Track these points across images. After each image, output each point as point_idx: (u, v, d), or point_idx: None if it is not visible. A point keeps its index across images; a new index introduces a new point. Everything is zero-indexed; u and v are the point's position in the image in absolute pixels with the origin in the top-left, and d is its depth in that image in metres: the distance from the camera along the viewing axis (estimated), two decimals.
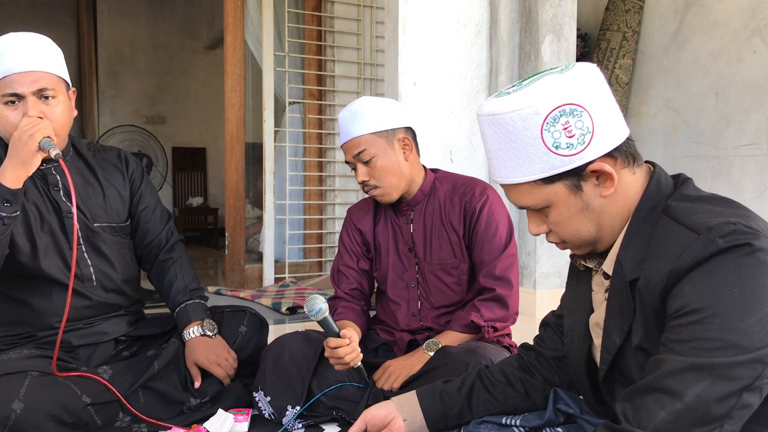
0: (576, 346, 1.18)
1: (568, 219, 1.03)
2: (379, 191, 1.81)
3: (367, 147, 1.76)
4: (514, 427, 1.23)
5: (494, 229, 1.80)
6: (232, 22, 3.68)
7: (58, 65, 1.63)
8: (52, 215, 1.69)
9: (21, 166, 1.50)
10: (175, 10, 7.79)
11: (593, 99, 0.97)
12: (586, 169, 0.98)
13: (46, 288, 1.67)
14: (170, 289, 1.85)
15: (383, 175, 1.79)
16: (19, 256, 1.62)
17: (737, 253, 0.87)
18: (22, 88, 1.56)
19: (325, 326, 1.58)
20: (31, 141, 1.49)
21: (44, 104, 1.58)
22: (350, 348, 1.60)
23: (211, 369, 1.75)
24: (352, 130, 1.77)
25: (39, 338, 1.68)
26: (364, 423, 1.29)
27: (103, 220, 1.77)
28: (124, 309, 1.84)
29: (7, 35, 1.60)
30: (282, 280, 3.73)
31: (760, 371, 0.85)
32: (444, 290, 1.86)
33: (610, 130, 0.99)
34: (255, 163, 4.37)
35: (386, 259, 1.92)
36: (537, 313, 2.92)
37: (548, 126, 0.96)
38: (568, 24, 2.98)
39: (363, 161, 1.77)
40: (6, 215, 1.48)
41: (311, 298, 1.54)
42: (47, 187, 1.70)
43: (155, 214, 1.89)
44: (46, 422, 1.47)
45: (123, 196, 1.83)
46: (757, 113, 3.24)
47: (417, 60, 2.83)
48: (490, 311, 1.78)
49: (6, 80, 1.56)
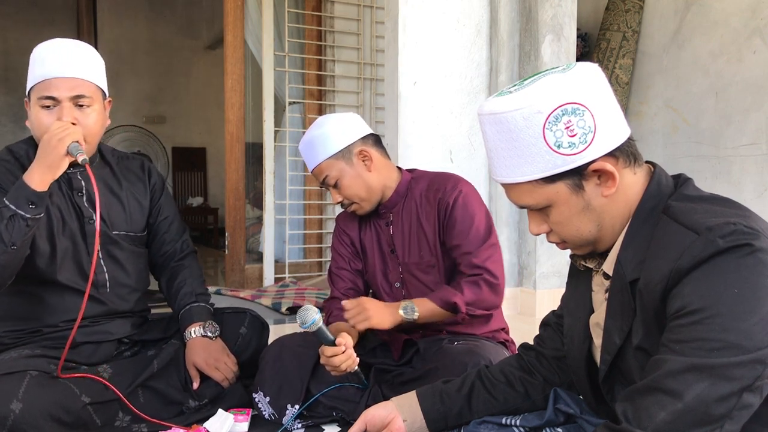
0: (576, 346, 1.18)
1: (569, 219, 1.02)
2: (355, 206, 1.86)
3: (329, 172, 1.81)
4: (514, 427, 1.23)
5: (470, 221, 1.77)
6: (232, 22, 3.68)
7: (97, 74, 1.67)
8: (73, 220, 1.71)
9: (48, 169, 1.52)
10: (175, 10, 7.79)
11: (595, 98, 0.97)
12: (588, 169, 0.98)
13: (61, 288, 1.69)
14: (178, 292, 1.87)
15: (352, 192, 1.83)
16: (37, 260, 1.63)
17: (737, 254, 0.87)
18: (59, 93, 1.59)
19: (320, 336, 1.60)
20: (60, 145, 1.51)
21: (79, 111, 1.61)
22: (345, 356, 1.61)
23: (210, 372, 1.75)
24: (311, 159, 1.83)
25: (44, 334, 1.68)
26: (364, 423, 1.29)
27: (122, 229, 1.80)
28: (131, 313, 1.85)
29: (53, 40, 1.65)
30: (282, 280, 3.73)
31: (760, 371, 0.85)
32: (423, 290, 1.83)
33: (611, 130, 0.99)
34: (255, 163, 4.37)
35: (372, 262, 1.93)
36: (537, 313, 2.92)
37: (550, 125, 0.96)
38: (568, 24, 2.98)
39: (331, 185, 1.83)
40: (30, 217, 1.49)
41: (304, 309, 1.56)
42: (71, 192, 1.72)
43: (173, 226, 1.93)
44: (44, 422, 1.47)
45: (143, 206, 1.86)
46: (757, 113, 3.24)
47: (417, 60, 2.83)
48: (474, 294, 1.74)
49: (45, 83, 1.60)
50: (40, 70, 1.61)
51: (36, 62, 1.63)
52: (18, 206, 1.48)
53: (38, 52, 1.64)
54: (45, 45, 1.64)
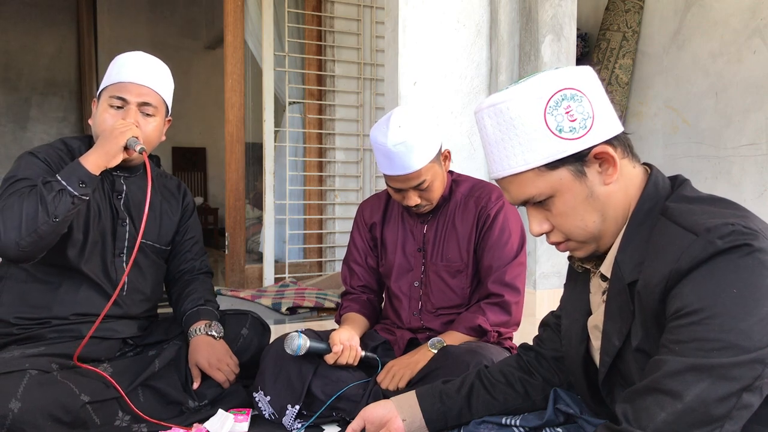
0: (573, 348, 1.17)
1: (573, 208, 1.02)
2: (427, 207, 1.84)
3: (427, 177, 1.75)
4: (514, 427, 1.23)
5: (507, 236, 1.80)
6: (232, 22, 3.68)
7: (166, 90, 1.80)
8: (108, 219, 1.77)
9: (104, 155, 1.61)
10: (175, 10, 7.79)
11: (591, 88, 1.00)
12: (590, 154, 0.99)
13: (79, 280, 1.73)
14: (186, 297, 1.91)
15: (438, 193, 1.81)
16: (69, 247, 1.68)
17: (736, 254, 0.87)
18: (130, 96, 1.70)
19: (314, 352, 1.69)
20: (121, 137, 1.62)
21: (142, 117, 1.72)
22: (346, 353, 1.68)
23: (212, 373, 1.75)
24: (411, 163, 1.71)
25: (52, 325, 1.70)
26: (363, 421, 1.29)
27: (150, 239, 1.86)
28: (140, 317, 1.87)
29: (137, 52, 1.79)
30: (282, 280, 3.73)
31: (759, 371, 0.85)
32: (447, 292, 1.85)
33: (608, 119, 1.00)
34: (255, 163, 4.37)
35: (392, 257, 1.93)
36: (537, 313, 2.92)
37: (551, 110, 0.97)
38: (568, 24, 2.98)
39: (422, 188, 1.77)
40: (77, 195, 1.55)
41: (288, 339, 1.69)
42: (112, 193, 1.79)
43: (195, 246, 2.00)
44: (44, 421, 1.46)
45: (173, 222, 1.94)
46: (757, 113, 3.24)
47: (417, 60, 2.83)
48: (496, 316, 1.78)
49: (119, 85, 1.71)
50: (117, 73, 1.72)
51: (115, 66, 1.75)
52: (69, 182, 1.55)
53: (120, 59, 1.76)
54: (128, 53, 1.77)
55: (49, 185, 1.54)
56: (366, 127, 3.98)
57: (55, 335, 1.68)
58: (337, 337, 1.74)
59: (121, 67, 1.74)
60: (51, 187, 1.54)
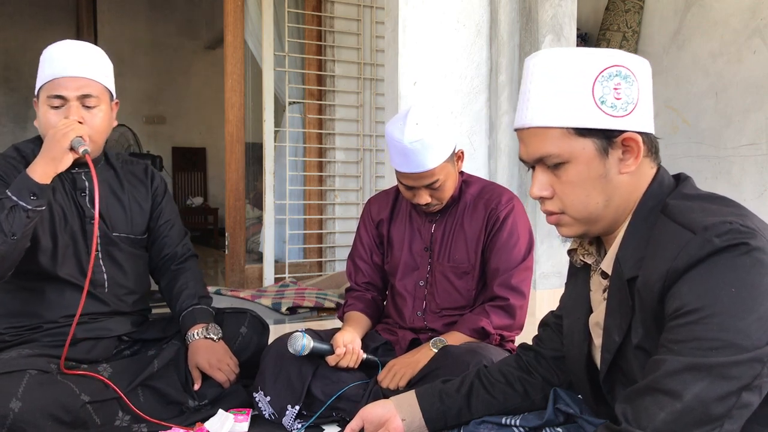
0: (575, 347, 1.17)
1: (583, 181, 1.01)
2: (437, 206, 1.83)
3: (441, 176, 1.75)
4: (513, 427, 1.23)
5: (515, 240, 1.80)
6: (232, 22, 3.68)
7: (105, 75, 1.71)
8: (75, 218, 1.73)
9: (51, 162, 1.55)
10: (175, 10, 7.79)
11: (644, 78, 1.01)
12: (619, 138, 1.00)
13: (61, 285, 1.71)
14: (179, 294, 1.88)
15: (446, 193, 1.81)
16: (39, 255, 1.65)
17: (734, 253, 0.87)
18: (67, 92, 1.63)
19: (317, 353, 1.69)
20: (64, 139, 1.55)
21: (86, 111, 1.65)
22: (348, 355, 1.69)
23: (212, 373, 1.75)
24: (426, 162, 1.70)
25: (44, 330, 1.69)
26: (361, 420, 1.29)
27: (122, 231, 1.82)
28: (131, 313, 1.86)
29: (62, 41, 1.68)
30: (282, 280, 3.73)
31: (758, 370, 0.85)
32: (452, 293, 1.85)
33: (647, 113, 1.02)
34: (255, 163, 4.37)
35: (398, 255, 1.93)
36: (537, 313, 2.91)
37: (603, 79, 0.98)
38: (568, 24, 2.98)
39: (433, 188, 1.77)
40: (31, 208, 1.51)
41: (292, 339, 1.68)
42: (74, 192, 1.75)
43: (173, 229, 1.94)
44: (44, 421, 1.47)
45: (144, 210, 1.88)
46: (757, 113, 3.23)
47: (417, 60, 2.83)
48: (500, 319, 1.78)
49: (54, 83, 1.63)
50: (49, 69, 1.64)
51: (45, 62, 1.66)
52: (20, 197, 1.50)
53: (48, 53, 1.67)
54: (54, 46, 1.67)
55: (0, 203, 1.49)
56: (366, 127, 3.98)
57: (49, 338, 1.68)
58: (340, 339, 1.74)
59: (52, 61, 1.64)
60: (2, 204, 1.50)
